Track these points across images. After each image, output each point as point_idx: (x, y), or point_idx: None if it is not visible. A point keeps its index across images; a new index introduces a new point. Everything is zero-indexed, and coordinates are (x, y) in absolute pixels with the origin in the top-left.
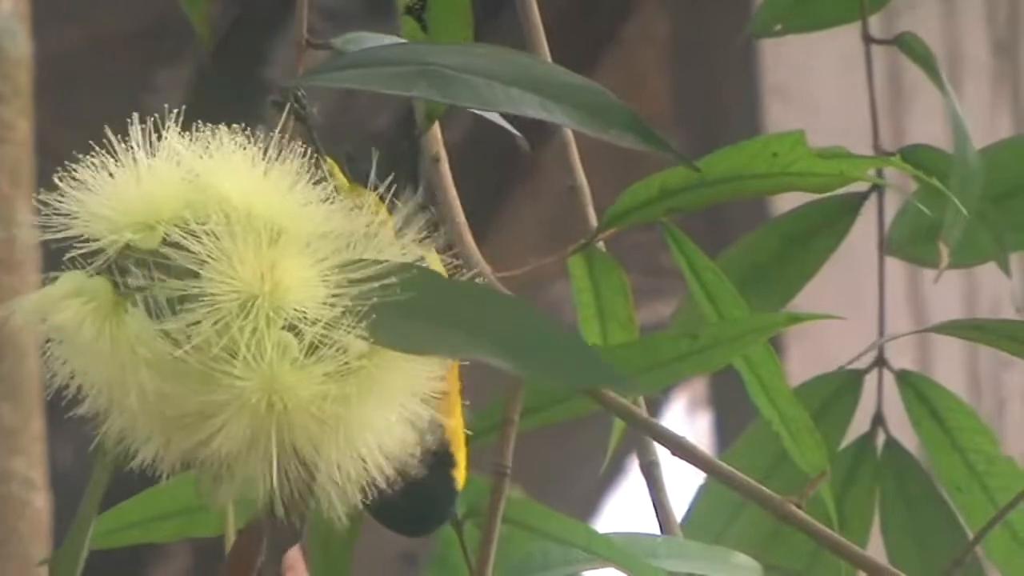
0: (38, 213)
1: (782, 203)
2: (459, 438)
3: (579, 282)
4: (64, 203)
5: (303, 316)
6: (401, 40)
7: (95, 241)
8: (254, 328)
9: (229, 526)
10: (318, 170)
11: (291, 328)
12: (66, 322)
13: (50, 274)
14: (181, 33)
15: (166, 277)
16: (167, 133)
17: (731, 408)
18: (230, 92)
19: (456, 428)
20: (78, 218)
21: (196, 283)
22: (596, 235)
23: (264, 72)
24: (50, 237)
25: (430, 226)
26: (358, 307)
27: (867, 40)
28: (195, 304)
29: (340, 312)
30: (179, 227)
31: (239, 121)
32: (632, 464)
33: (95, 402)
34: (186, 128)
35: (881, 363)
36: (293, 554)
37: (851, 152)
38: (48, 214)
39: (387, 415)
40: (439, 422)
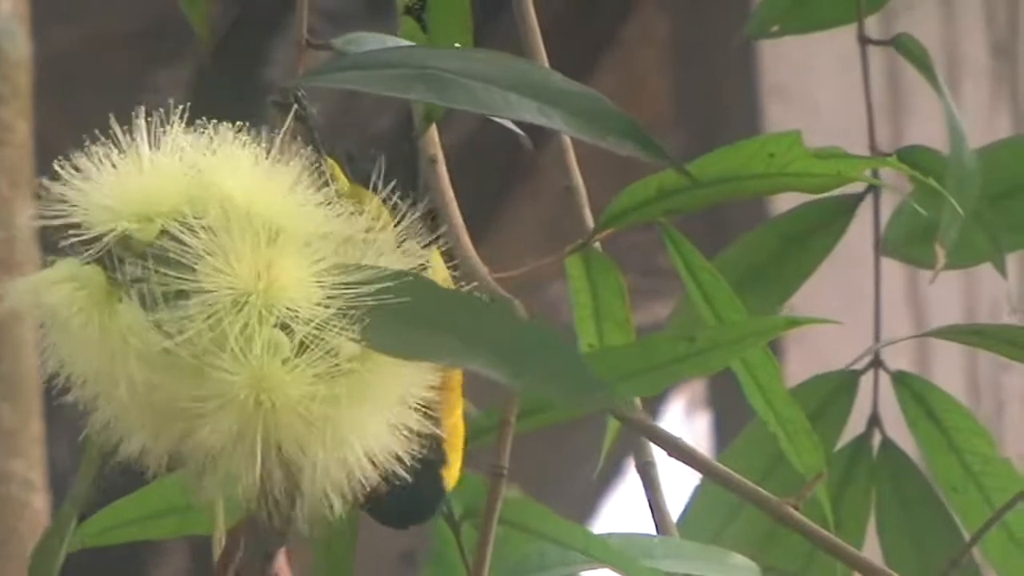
0: (38, 199)
1: (781, 203)
2: (456, 437)
3: (576, 283)
4: (64, 191)
5: (296, 316)
6: (402, 41)
7: (93, 229)
8: (246, 324)
9: (219, 527)
10: (319, 171)
11: (283, 327)
12: (57, 305)
13: (47, 258)
14: (181, 33)
15: (161, 269)
16: (170, 128)
17: (730, 409)
18: (230, 92)
19: (454, 426)
20: (77, 206)
21: (191, 277)
22: (593, 235)
23: (264, 73)
24: (49, 223)
25: (432, 229)
26: (352, 310)
27: (863, 41)
28: (189, 298)
29: (333, 314)
30: (178, 221)
31: (239, 121)
32: (630, 465)
33: (83, 391)
34: (187, 127)
35: (877, 364)
36: (280, 561)
37: (848, 152)
38: (48, 201)
39: (376, 420)
40: (436, 418)
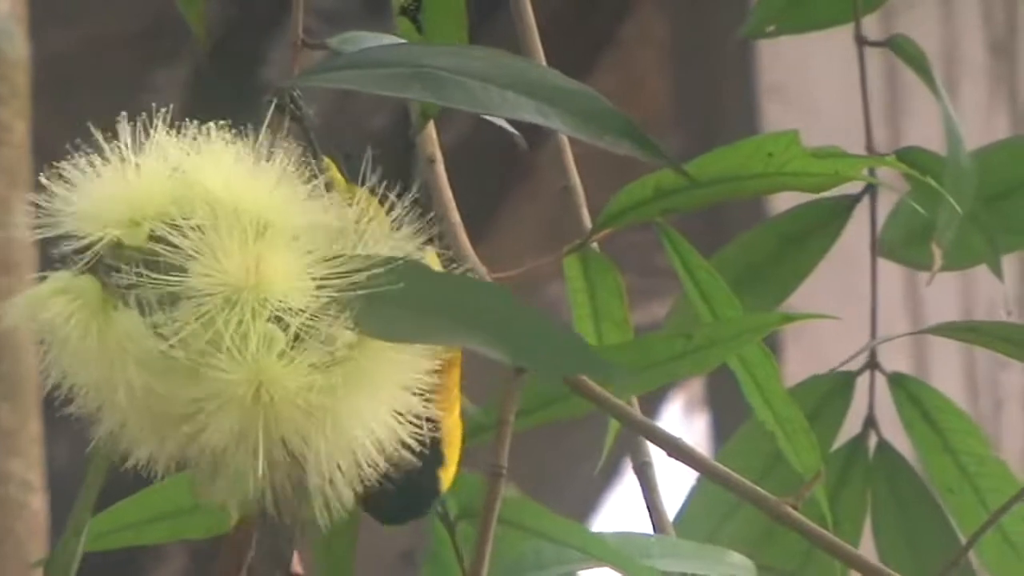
0: (27, 212)
1: (780, 203)
2: (455, 436)
3: (574, 283)
4: (51, 201)
5: (288, 308)
6: (398, 40)
7: (82, 238)
8: (239, 321)
9: (232, 526)
10: (313, 169)
11: (277, 320)
12: (52, 320)
13: (41, 274)
14: (178, 34)
15: (153, 273)
16: (155, 131)
17: (728, 409)
18: (228, 92)
19: (453, 425)
20: (65, 216)
21: (182, 278)
22: (591, 236)
23: (262, 73)
24: (39, 236)
25: (427, 226)
26: (345, 298)
27: (860, 42)
28: (181, 299)
29: (326, 303)
30: (165, 223)
31: (237, 121)
32: (628, 465)
33: (86, 402)
34: (183, 128)
35: (873, 365)
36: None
37: (846, 152)
38: (37, 213)
39: (376, 407)
40: (432, 418)
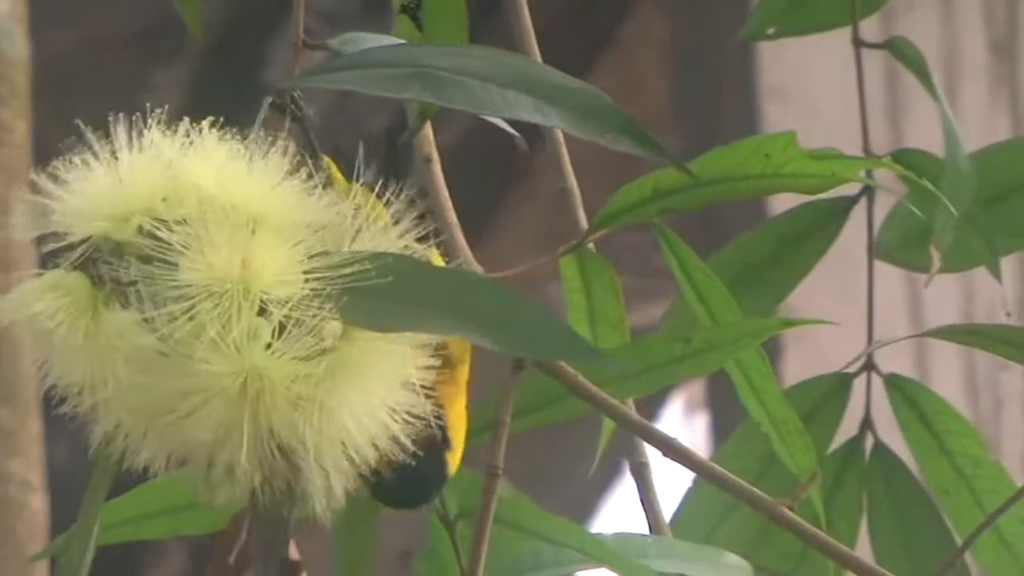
0: (22, 211)
1: (779, 204)
2: (460, 423)
3: (570, 283)
4: (43, 200)
5: (275, 299)
6: (398, 41)
7: (71, 235)
8: (227, 314)
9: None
10: (313, 169)
11: (263, 313)
12: (43, 315)
13: (37, 271)
14: (179, 34)
15: (142, 268)
16: (149, 130)
17: (728, 410)
18: (228, 93)
19: (458, 415)
20: (57, 214)
21: (170, 272)
22: (587, 236)
23: (262, 74)
24: (31, 233)
25: (425, 223)
26: (332, 290)
27: (858, 44)
28: (170, 293)
29: (313, 295)
30: (152, 218)
31: (237, 121)
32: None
33: (80, 401)
34: (179, 127)
35: (870, 367)
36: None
37: (843, 153)
38: (30, 211)
39: (367, 399)
40: (440, 404)
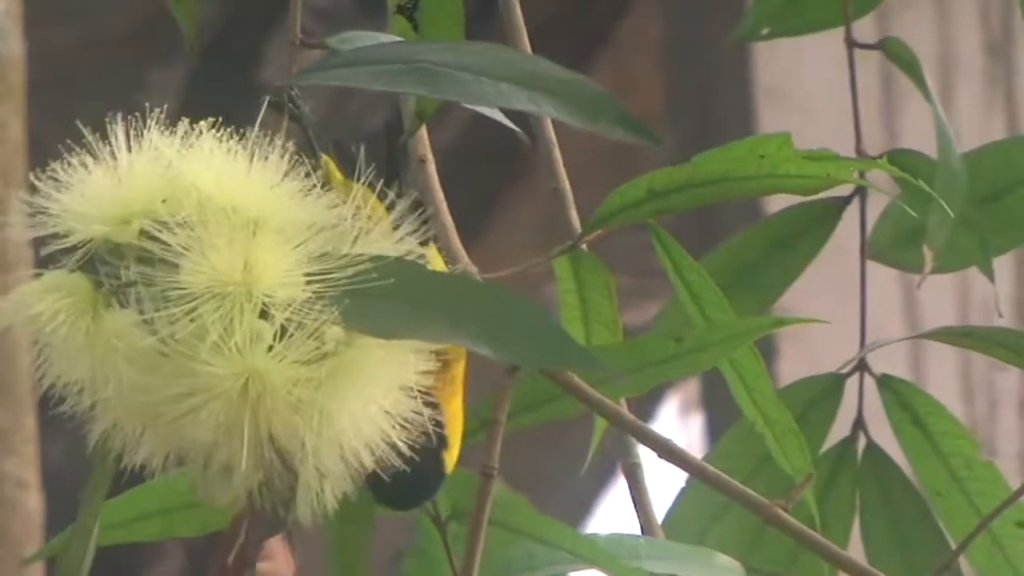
0: (22, 212)
1: (774, 204)
2: (457, 421)
3: (564, 283)
4: (43, 201)
5: (277, 303)
6: (395, 39)
7: (72, 237)
8: (228, 316)
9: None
10: (311, 167)
11: (265, 316)
12: (44, 316)
13: (35, 272)
14: (176, 33)
15: (143, 269)
16: (148, 130)
17: (723, 410)
18: (225, 92)
19: (454, 413)
20: (57, 215)
21: (171, 274)
22: (581, 237)
23: (259, 72)
24: (31, 235)
25: (423, 223)
26: (333, 294)
27: (850, 44)
28: (172, 294)
29: (314, 298)
30: (153, 220)
31: (234, 120)
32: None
33: (80, 400)
34: (176, 127)
35: (863, 368)
36: (273, 543)
37: (838, 154)
38: (29, 213)
39: (366, 403)
40: (437, 404)
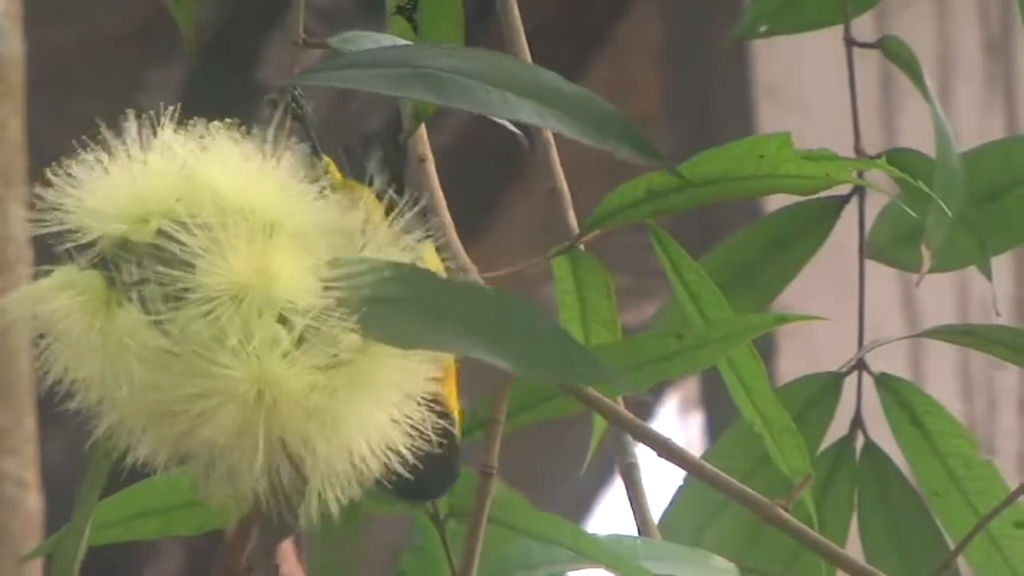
0: (33, 208)
1: (773, 204)
2: (459, 419)
3: (563, 283)
4: (58, 197)
5: (294, 309)
6: (398, 40)
7: (88, 234)
8: (245, 319)
9: (229, 522)
10: (315, 167)
11: (282, 320)
12: (56, 314)
13: (43, 268)
14: (174, 33)
15: (159, 269)
16: (162, 129)
17: (723, 408)
18: (224, 92)
19: (452, 408)
20: (72, 212)
21: (188, 275)
22: (580, 237)
23: (258, 72)
24: (44, 231)
25: (424, 223)
26: (350, 301)
27: (849, 43)
28: (187, 296)
29: (331, 305)
30: (172, 220)
31: (234, 119)
32: None
33: (87, 397)
34: (180, 127)
35: (861, 367)
36: (284, 547)
37: (837, 154)
38: (42, 208)
39: (378, 411)
40: (445, 399)
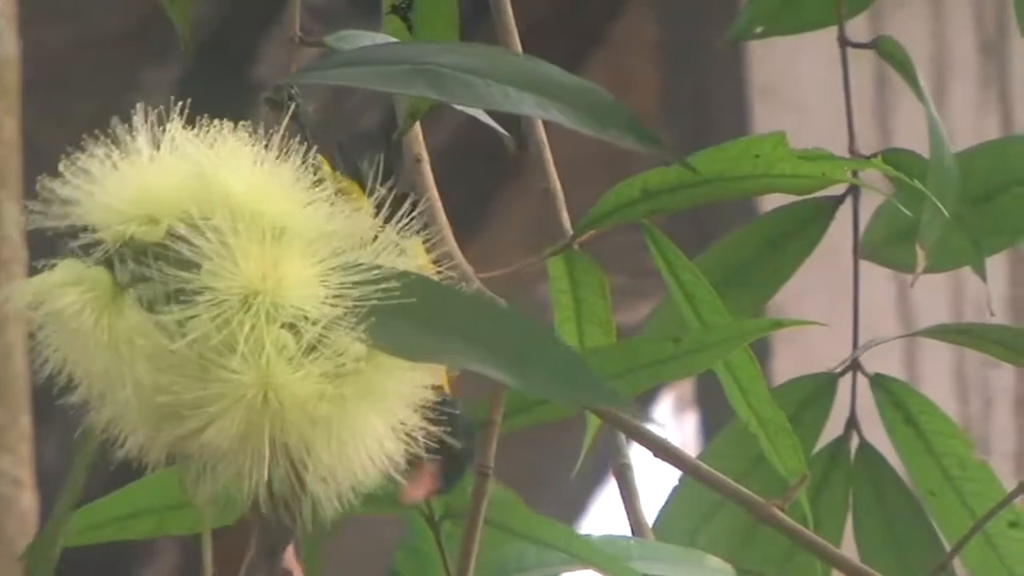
0: (41, 200)
1: (769, 204)
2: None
3: (558, 283)
4: (67, 192)
5: (303, 315)
6: (394, 39)
7: (99, 231)
8: (253, 324)
9: (205, 524)
10: (315, 168)
11: (290, 326)
12: (63, 310)
13: (46, 262)
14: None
15: (168, 270)
16: (170, 127)
17: (718, 409)
18: (219, 91)
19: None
20: (82, 208)
21: (198, 277)
22: (575, 237)
23: (255, 70)
24: (50, 225)
25: (416, 221)
26: (358, 309)
27: (843, 44)
28: (196, 298)
29: (340, 313)
30: (184, 221)
31: (229, 118)
32: None
33: (85, 392)
34: (196, 125)
35: (855, 367)
36: (288, 555)
37: (833, 154)
38: (50, 202)
39: (381, 420)
40: (450, 393)
